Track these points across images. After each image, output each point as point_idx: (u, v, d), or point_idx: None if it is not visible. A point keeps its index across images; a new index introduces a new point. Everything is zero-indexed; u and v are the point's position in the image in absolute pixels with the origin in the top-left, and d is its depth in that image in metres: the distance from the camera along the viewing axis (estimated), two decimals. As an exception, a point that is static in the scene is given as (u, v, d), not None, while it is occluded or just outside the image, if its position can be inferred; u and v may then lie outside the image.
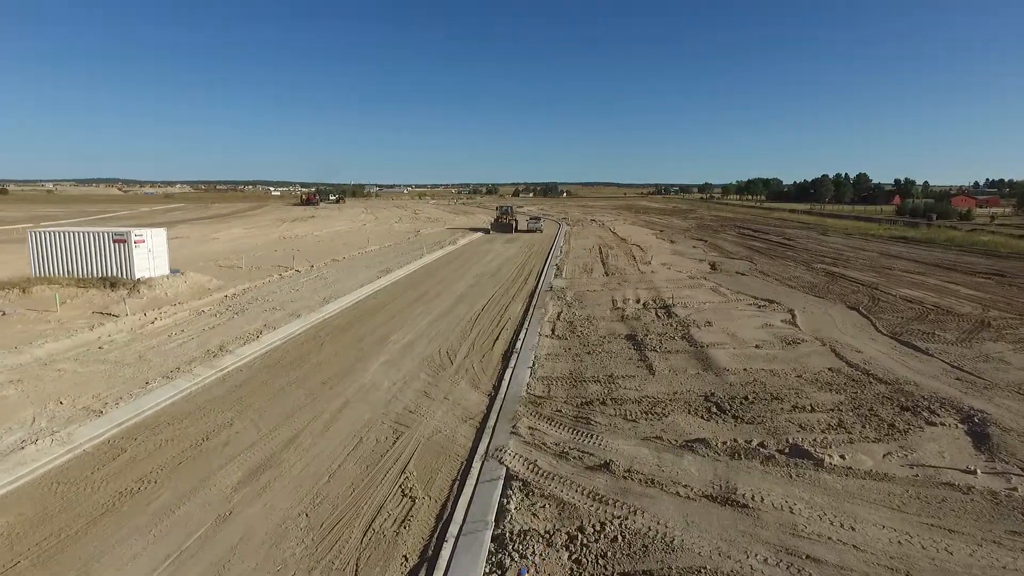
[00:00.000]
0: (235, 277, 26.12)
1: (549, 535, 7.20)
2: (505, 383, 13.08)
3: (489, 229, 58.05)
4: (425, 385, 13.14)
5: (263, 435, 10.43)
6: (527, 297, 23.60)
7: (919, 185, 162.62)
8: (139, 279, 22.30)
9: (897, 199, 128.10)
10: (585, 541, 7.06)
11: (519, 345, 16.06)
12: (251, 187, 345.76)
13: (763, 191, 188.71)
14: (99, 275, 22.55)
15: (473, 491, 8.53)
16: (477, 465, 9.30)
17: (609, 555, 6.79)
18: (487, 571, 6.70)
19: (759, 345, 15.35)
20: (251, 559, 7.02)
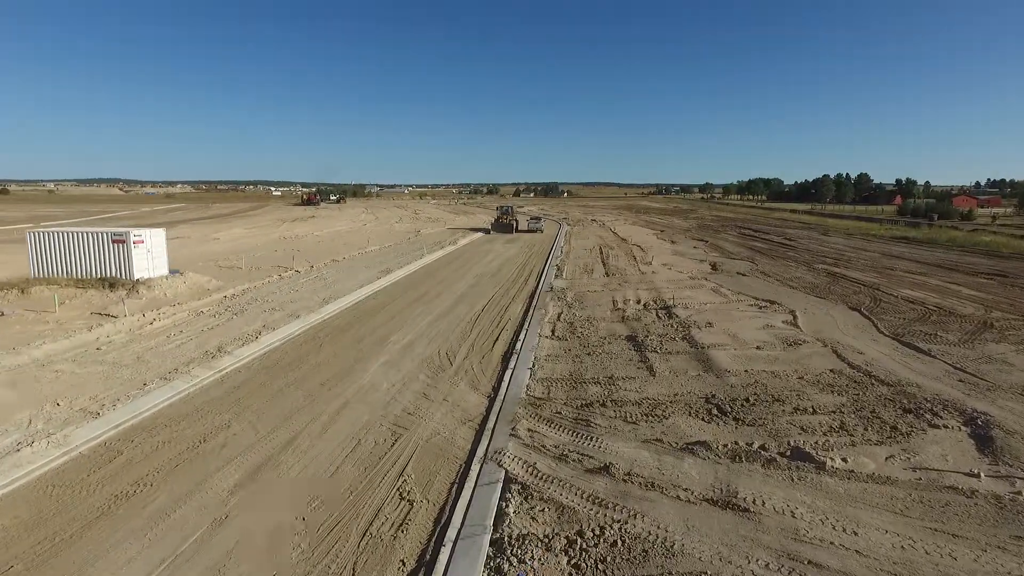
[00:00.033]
0: (235, 277, 26.08)
1: (548, 539, 7.13)
2: (505, 384, 13.01)
3: (489, 229, 57.97)
4: (424, 386, 13.07)
5: (261, 437, 10.36)
6: (527, 298, 23.53)
7: (920, 185, 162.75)
8: (138, 280, 22.26)
9: (898, 199, 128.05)
10: (584, 545, 6.98)
11: (519, 346, 15.98)
12: (252, 187, 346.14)
13: (764, 191, 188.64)
14: (98, 276, 22.52)
15: (472, 494, 8.46)
16: (476, 468, 9.22)
17: (609, 560, 6.72)
18: (485, 576, 6.62)
19: (760, 346, 15.27)
20: (247, 563, 6.95)
